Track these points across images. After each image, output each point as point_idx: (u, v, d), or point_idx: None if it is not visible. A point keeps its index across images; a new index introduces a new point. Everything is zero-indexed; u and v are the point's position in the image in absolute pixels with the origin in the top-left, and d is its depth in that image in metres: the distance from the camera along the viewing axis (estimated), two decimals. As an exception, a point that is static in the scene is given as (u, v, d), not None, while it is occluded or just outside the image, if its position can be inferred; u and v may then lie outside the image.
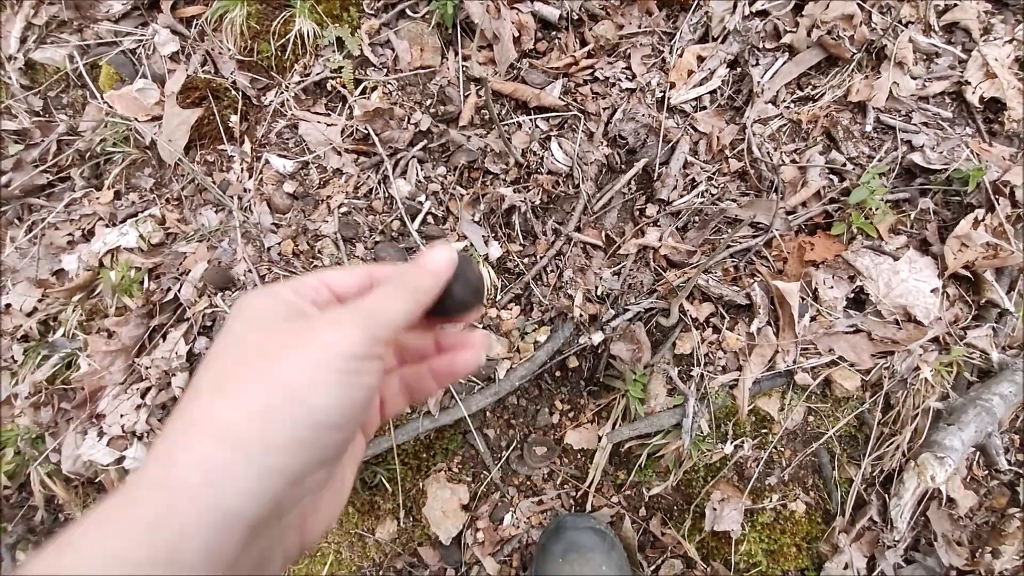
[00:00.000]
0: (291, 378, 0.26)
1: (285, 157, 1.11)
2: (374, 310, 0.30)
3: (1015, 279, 1.04)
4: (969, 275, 1.03)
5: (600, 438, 1.12)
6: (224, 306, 1.00)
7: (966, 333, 1.01)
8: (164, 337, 1.02)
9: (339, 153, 1.11)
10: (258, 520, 0.24)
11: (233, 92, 1.12)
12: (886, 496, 1.03)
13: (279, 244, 1.05)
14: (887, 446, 1.04)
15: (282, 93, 1.13)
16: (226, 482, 0.23)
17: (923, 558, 1.02)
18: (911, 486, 1.00)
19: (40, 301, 1.09)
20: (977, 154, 1.06)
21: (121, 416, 1.00)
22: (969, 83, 1.10)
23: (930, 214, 1.07)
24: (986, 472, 1.05)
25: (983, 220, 1.03)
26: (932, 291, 1.01)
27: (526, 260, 1.08)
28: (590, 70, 1.16)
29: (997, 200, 1.02)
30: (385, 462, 1.01)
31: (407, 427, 0.97)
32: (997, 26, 1.15)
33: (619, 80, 1.14)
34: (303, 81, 1.13)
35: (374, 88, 1.12)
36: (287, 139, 1.13)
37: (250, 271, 1.04)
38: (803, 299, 1.04)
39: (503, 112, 1.13)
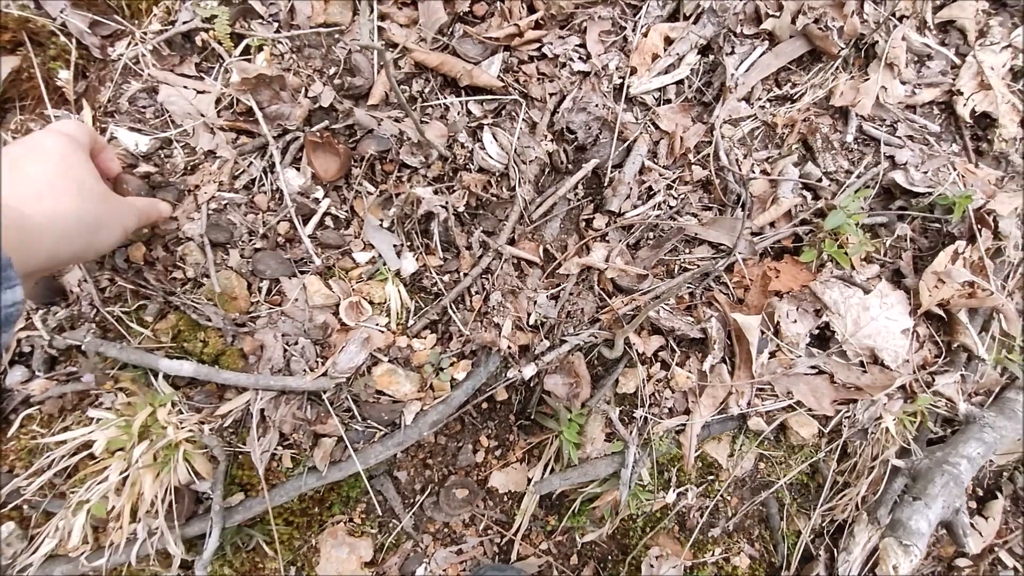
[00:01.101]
0: (109, 203, 0.61)
1: (139, 131, 0.86)
2: (144, 208, 0.70)
3: (988, 319, 0.94)
4: (942, 314, 0.93)
5: (530, 481, 0.98)
6: (42, 330, 0.76)
7: (934, 379, 0.91)
8: (-38, 366, 0.78)
9: (212, 131, 0.87)
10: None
11: (63, 38, 0.84)
12: (835, 550, 0.95)
13: (126, 248, 0.82)
14: (840, 497, 0.94)
15: (136, 45, 0.87)
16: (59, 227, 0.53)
17: (866, 616, 0.95)
18: (861, 540, 0.91)
19: None
20: (962, 176, 0.94)
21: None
22: (961, 93, 0.97)
23: (907, 241, 0.96)
24: (955, 543, 0.99)
25: (963, 253, 0.92)
26: (903, 332, 0.90)
27: (447, 278, 0.89)
28: (537, 44, 0.95)
29: (979, 231, 0.91)
30: (263, 523, 0.83)
31: (286, 486, 0.78)
32: (994, 28, 1.02)
33: (571, 60, 0.94)
34: (165, 31, 0.87)
35: (260, 48, 0.88)
36: (143, 107, 0.88)
37: (86, 280, 0.80)
38: (763, 333, 0.91)
39: (427, 90, 0.91)
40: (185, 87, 0.87)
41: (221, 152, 0.86)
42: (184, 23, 0.87)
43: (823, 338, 0.93)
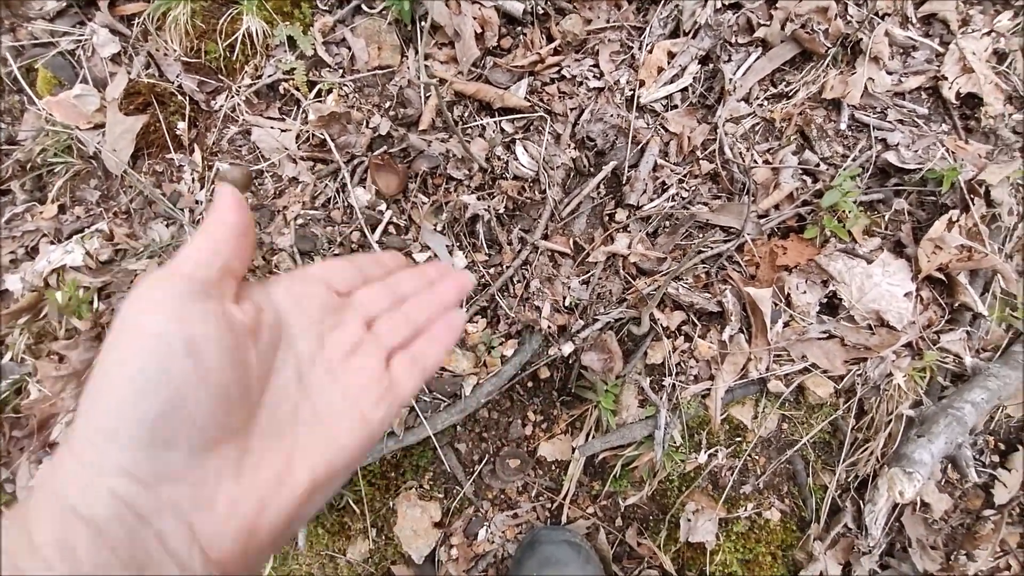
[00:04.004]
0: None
1: (238, 166, 1.06)
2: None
3: (989, 281, 1.02)
4: (943, 278, 1.01)
5: (574, 449, 1.10)
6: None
7: (939, 337, 0.99)
8: (113, 360, 0.97)
9: (294, 161, 1.06)
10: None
11: (179, 97, 1.05)
12: (860, 502, 1.02)
13: (233, 259, 1.00)
14: (861, 452, 1.03)
15: (232, 97, 1.07)
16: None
17: (898, 563, 1.02)
18: (885, 492, 0.99)
19: (-18, 324, 1.04)
20: (952, 152, 1.04)
21: (71, 444, 0.95)
22: (946, 78, 1.07)
23: (905, 215, 1.05)
24: (960, 475, 1.05)
25: (957, 221, 1.00)
26: (906, 295, 0.99)
27: (492, 270, 1.04)
28: (557, 68, 1.11)
29: (972, 200, 1.00)
30: (351, 484, 0.98)
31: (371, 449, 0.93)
32: (975, 17, 1.11)
33: (587, 78, 1.10)
34: (254, 84, 1.07)
35: (329, 90, 1.07)
36: (240, 146, 1.08)
37: (203, 288, 0.99)
38: (776, 305, 1.02)
39: (466, 114, 1.08)
40: (272, 127, 1.07)
41: (302, 177, 1.05)
42: (269, 76, 1.07)
43: (832, 306, 1.03)
